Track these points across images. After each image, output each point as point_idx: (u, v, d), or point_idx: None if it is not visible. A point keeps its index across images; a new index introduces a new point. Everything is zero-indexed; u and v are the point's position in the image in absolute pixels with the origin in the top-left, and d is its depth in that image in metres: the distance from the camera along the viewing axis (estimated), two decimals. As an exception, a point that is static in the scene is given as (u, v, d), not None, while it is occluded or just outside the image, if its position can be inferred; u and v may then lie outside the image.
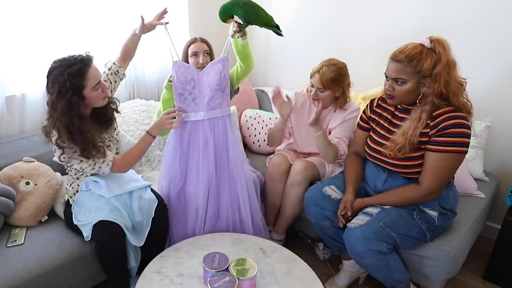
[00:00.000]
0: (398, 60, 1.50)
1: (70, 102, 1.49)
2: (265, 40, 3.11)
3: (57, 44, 2.14)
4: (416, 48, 1.49)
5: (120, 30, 2.41)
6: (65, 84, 1.47)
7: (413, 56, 1.48)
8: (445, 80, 1.47)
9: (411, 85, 1.51)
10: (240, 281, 1.30)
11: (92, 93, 1.56)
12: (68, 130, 1.50)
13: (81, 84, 1.52)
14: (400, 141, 1.55)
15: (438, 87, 1.47)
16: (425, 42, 1.50)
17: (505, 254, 1.89)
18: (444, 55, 1.47)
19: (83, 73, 1.52)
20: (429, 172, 1.53)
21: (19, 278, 1.45)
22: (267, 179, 2.11)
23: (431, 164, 1.52)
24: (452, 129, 1.47)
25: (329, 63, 1.94)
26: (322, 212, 1.76)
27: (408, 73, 1.49)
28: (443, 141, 1.48)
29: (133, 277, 1.73)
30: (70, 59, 1.53)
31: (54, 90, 1.48)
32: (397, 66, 1.51)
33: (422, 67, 1.47)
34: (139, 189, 1.72)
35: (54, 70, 1.50)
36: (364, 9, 2.52)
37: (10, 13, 1.95)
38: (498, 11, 2.04)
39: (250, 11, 1.69)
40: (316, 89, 1.96)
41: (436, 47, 1.48)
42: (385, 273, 1.61)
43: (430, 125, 1.51)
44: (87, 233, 1.56)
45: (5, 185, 1.71)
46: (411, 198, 1.60)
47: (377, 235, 1.53)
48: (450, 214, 1.66)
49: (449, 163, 1.51)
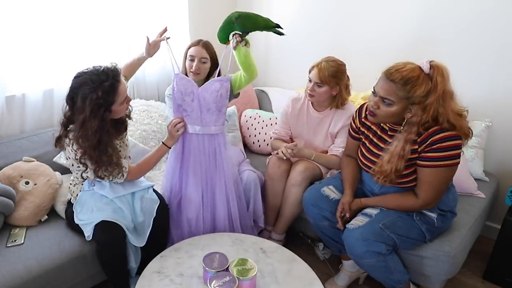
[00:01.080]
0: (392, 79, 1.41)
1: (102, 120, 1.46)
2: (265, 40, 3.11)
3: (57, 44, 2.14)
4: (414, 71, 1.40)
5: (120, 30, 2.42)
6: (98, 101, 1.44)
7: (408, 80, 1.39)
8: (436, 112, 1.40)
9: (397, 109, 1.45)
10: (240, 281, 1.30)
11: (119, 107, 1.54)
12: (95, 148, 1.48)
13: (113, 100, 1.49)
14: (385, 169, 1.51)
15: (426, 118, 1.40)
16: (424, 66, 1.40)
17: (505, 254, 1.89)
18: (441, 85, 1.38)
19: (115, 89, 1.49)
20: (424, 186, 1.52)
21: (19, 278, 1.44)
22: (267, 179, 2.11)
23: (425, 178, 1.51)
24: (440, 143, 1.43)
25: (328, 59, 1.95)
26: (320, 212, 1.76)
27: (398, 96, 1.42)
28: (433, 156, 1.45)
29: (133, 277, 1.73)
30: (101, 73, 1.48)
31: (86, 107, 1.43)
32: (389, 86, 1.42)
33: (414, 93, 1.39)
34: (141, 190, 1.72)
35: (84, 86, 1.45)
36: (364, 9, 2.52)
37: (10, 13, 1.94)
38: (498, 12, 2.04)
39: (246, 22, 1.71)
40: (314, 83, 1.96)
41: (434, 75, 1.39)
42: (385, 274, 1.61)
43: (418, 141, 1.48)
44: (88, 232, 1.56)
45: (4, 185, 1.71)
46: (409, 207, 1.59)
47: (376, 236, 1.53)
48: (449, 215, 1.66)
49: (442, 176, 1.49)
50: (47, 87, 2.16)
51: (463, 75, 2.21)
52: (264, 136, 2.55)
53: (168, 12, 2.63)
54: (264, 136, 2.55)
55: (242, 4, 3.15)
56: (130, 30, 2.47)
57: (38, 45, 2.07)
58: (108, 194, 1.63)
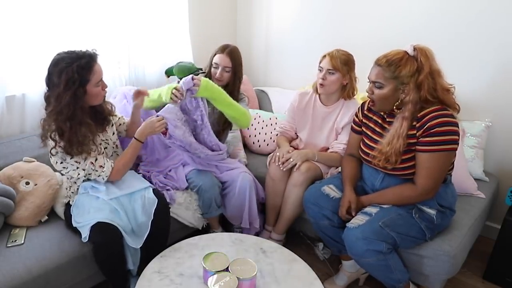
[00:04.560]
0: (379, 64, 1.54)
1: (75, 94, 1.50)
2: (265, 40, 3.11)
3: (57, 44, 2.13)
4: (398, 54, 1.51)
5: (120, 30, 2.42)
6: (73, 75, 1.48)
7: (392, 61, 1.50)
8: (430, 87, 1.49)
9: (388, 90, 1.54)
10: (240, 281, 1.30)
11: (94, 89, 1.58)
12: (69, 122, 1.51)
13: (87, 77, 1.53)
14: (386, 150, 1.56)
15: (424, 94, 1.48)
16: (408, 49, 1.51)
17: (505, 254, 1.89)
18: (427, 64, 1.48)
19: (90, 66, 1.54)
20: (422, 172, 1.54)
21: (19, 278, 1.44)
22: (268, 179, 2.11)
23: (423, 164, 1.53)
24: (438, 128, 1.47)
25: (338, 49, 1.98)
26: (320, 211, 1.76)
27: (386, 78, 1.52)
28: (431, 141, 1.49)
29: (133, 277, 1.72)
30: (78, 52, 1.54)
31: (61, 81, 1.48)
32: (377, 70, 1.55)
33: (399, 73, 1.49)
34: (139, 190, 1.72)
35: (61, 62, 1.50)
36: (365, 9, 2.52)
37: (10, 13, 1.94)
38: (498, 12, 2.04)
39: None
40: (326, 71, 1.96)
41: (418, 56, 1.49)
42: (385, 273, 1.61)
43: (416, 126, 1.52)
44: (85, 234, 1.56)
45: (5, 185, 1.71)
46: (408, 197, 1.60)
47: (377, 235, 1.53)
48: (448, 212, 1.66)
49: (440, 161, 1.52)
50: (47, 87, 2.16)
51: (463, 75, 2.22)
52: (264, 136, 2.55)
53: (168, 12, 2.63)
54: (264, 136, 2.55)
55: (242, 4, 3.15)
56: (130, 30, 2.47)
57: (38, 45, 2.07)
58: (103, 196, 1.63)
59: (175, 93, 1.82)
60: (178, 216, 1.94)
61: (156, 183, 1.97)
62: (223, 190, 2.05)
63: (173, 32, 2.69)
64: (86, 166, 1.62)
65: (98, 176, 1.66)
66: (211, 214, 2.01)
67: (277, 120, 2.56)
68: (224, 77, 1.97)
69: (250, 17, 3.13)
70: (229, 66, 1.95)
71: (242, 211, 2.02)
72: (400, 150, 1.53)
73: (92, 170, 1.64)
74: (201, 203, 1.99)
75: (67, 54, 1.53)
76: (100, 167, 1.65)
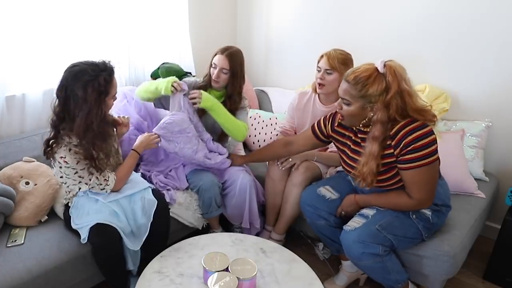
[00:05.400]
0: (347, 80, 1.48)
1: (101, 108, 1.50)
2: (265, 40, 3.11)
3: (57, 44, 2.14)
4: (367, 71, 1.44)
5: (120, 31, 2.42)
6: (100, 89, 1.46)
7: (360, 79, 1.44)
8: (399, 107, 1.43)
9: (354, 108, 1.49)
10: (240, 281, 1.30)
11: (110, 102, 1.57)
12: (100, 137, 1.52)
13: (109, 90, 1.52)
14: (363, 171, 1.52)
15: (393, 114, 1.43)
16: (379, 66, 1.44)
17: (505, 254, 1.89)
18: (394, 83, 1.41)
19: (111, 79, 1.52)
20: (413, 188, 1.51)
21: (19, 278, 1.44)
22: (267, 179, 2.11)
23: (410, 180, 1.50)
24: (414, 144, 1.43)
25: (335, 49, 1.97)
26: (316, 212, 1.76)
27: (352, 96, 1.47)
28: (411, 158, 1.45)
29: (133, 277, 1.72)
30: (98, 64, 1.51)
31: (88, 94, 1.44)
32: (345, 86, 1.49)
33: (367, 92, 1.43)
34: (139, 191, 1.72)
35: (83, 74, 1.45)
36: (365, 10, 2.52)
37: (11, 13, 1.94)
38: (500, 12, 2.04)
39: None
40: (324, 71, 1.96)
41: (387, 74, 1.42)
42: (382, 274, 1.61)
43: (392, 145, 1.48)
44: (84, 235, 1.55)
45: (5, 185, 1.71)
46: (403, 206, 1.57)
47: (373, 238, 1.53)
48: (444, 209, 1.64)
49: (427, 175, 1.49)
50: (47, 87, 2.16)
51: (464, 75, 2.22)
52: (264, 136, 2.55)
53: (168, 12, 2.63)
54: (264, 136, 2.55)
55: (242, 4, 3.15)
56: (130, 30, 2.47)
57: (38, 45, 2.07)
58: (102, 198, 1.63)
59: (176, 86, 1.87)
60: (178, 216, 1.93)
61: (156, 183, 1.97)
62: (223, 190, 2.05)
63: (173, 32, 2.69)
64: (90, 181, 1.59)
65: (102, 189, 1.62)
66: (211, 214, 2.01)
67: (277, 120, 2.57)
68: (221, 78, 1.96)
69: (250, 17, 3.13)
70: (226, 68, 1.94)
71: (242, 210, 2.02)
72: (375, 171, 1.49)
73: (97, 184, 1.60)
74: (201, 203, 1.99)
75: (87, 65, 1.47)
76: (105, 180, 1.62)
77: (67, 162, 1.52)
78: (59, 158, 1.52)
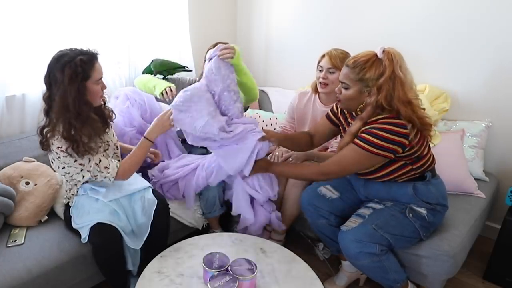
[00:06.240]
0: (347, 65, 1.53)
1: (79, 89, 1.48)
2: (265, 40, 3.11)
3: (57, 44, 2.12)
4: (366, 56, 1.49)
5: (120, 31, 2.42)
6: (76, 69, 1.46)
7: (358, 63, 1.48)
8: (388, 93, 1.44)
9: (353, 92, 1.52)
10: (240, 281, 1.30)
11: (94, 87, 1.55)
12: (77, 119, 1.49)
13: (89, 73, 1.51)
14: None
15: (381, 99, 1.44)
16: (378, 51, 1.48)
17: (505, 254, 1.89)
18: (389, 68, 1.43)
19: (93, 62, 1.53)
20: (335, 157, 1.58)
21: (19, 278, 1.44)
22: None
23: (341, 151, 1.55)
24: (374, 130, 1.46)
25: (336, 48, 1.99)
26: (316, 211, 1.77)
27: (351, 79, 1.51)
28: (361, 136, 1.49)
29: (133, 277, 1.73)
30: (80, 48, 1.53)
31: (65, 75, 1.45)
32: (344, 71, 1.54)
33: (364, 76, 1.47)
34: (139, 191, 1.72)
35: (63, 57, 1.48)
36: (365, 9, 2.52)
37: (10, 14, 1.94)
38: (500, 11, 2.04)
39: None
40: (326, 70, 1.97)
41: (384, 59, 1.45)
42: (380, 274, 1.61)
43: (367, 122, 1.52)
44: (84, 235, 1.55)
45: (5, 185, 1.71)
46: (306, 174, 1.67)
47: (369, 237, 1.53)
48: (439, 207, 1.63)
49: (356, 157, 1.51)
50: (47, 87, 2.16)
51: (463, 75, 2.22)
52: (264, 136, 2.55)
53: (168, 12, 2.63)
54: (264, 136, 2.55)
55: (242, 4, 3.15)
56: (130, 30, 2.47)
57: (38, 45, 2.07)
58: (102, 197, 1.63)
59: (167, 91, 1.91)
60: (178, 216, 1.94)
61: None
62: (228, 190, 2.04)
63: (173, 32, 2.69)
64: (91, 168, 1.58)
65: (104, 177, 1.61)
66: (214, 213, 2.01)
67: (277, 120, 2.56)
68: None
69: (250, 17, 3.13)
70: None
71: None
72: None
73: (98, 171, 1.59)
74: (205, 202, 1.99)
75: (68, 50, 1.51)
76: (105, 168, 1.60)
77: (64, 151, 1.52)
78: (56, 149, 1.52)
